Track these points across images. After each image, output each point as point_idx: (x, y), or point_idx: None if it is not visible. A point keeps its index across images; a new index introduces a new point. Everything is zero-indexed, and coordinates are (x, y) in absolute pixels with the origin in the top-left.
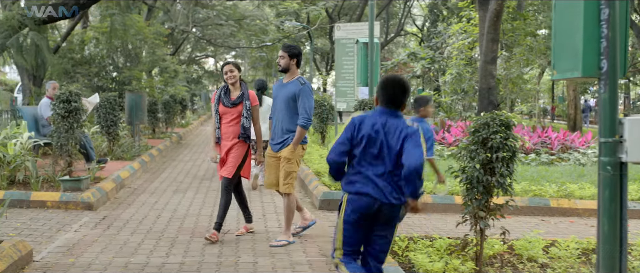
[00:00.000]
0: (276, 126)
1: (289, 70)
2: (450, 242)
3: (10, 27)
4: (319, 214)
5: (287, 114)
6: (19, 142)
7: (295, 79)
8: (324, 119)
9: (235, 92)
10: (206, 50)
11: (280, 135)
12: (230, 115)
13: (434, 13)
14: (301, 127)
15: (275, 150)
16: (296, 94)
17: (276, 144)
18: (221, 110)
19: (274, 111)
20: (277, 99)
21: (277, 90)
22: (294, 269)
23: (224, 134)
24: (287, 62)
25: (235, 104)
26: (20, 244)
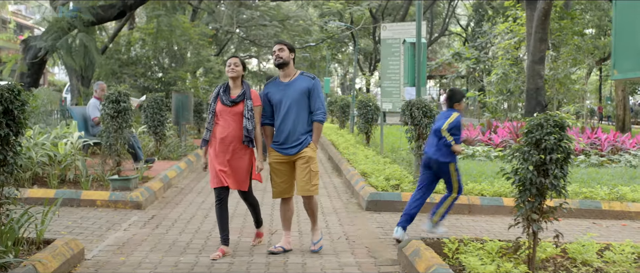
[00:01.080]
0: (286, 127)
1: (288, 65)
2: (502, 244)
3: (60, 28)
4: (366, 215)
5: (301, 113)
6: (69, 142)
7: (300, 75)
8: (369, 119)
9: (236, 90)
10: (249, 50)
11: (295, 136)
12: (228, 116)
13: (479, 13)
14: (320, 122)
15: (290, 153)
16: (310, 89)
17: (292, 147)
18: (218, 109)
19: (279, 112)
20: (283, 99)
21: (280, 90)
22: (343, 270)
23: (222, 137)
24: (288, 55)
25: (235, 102)
26: (73, 242)
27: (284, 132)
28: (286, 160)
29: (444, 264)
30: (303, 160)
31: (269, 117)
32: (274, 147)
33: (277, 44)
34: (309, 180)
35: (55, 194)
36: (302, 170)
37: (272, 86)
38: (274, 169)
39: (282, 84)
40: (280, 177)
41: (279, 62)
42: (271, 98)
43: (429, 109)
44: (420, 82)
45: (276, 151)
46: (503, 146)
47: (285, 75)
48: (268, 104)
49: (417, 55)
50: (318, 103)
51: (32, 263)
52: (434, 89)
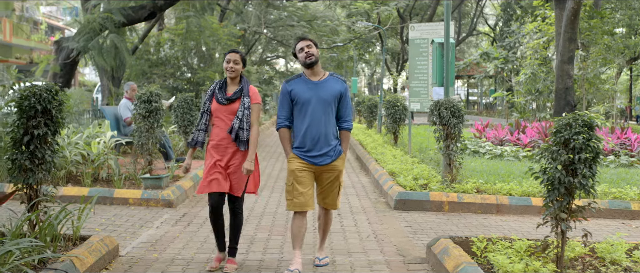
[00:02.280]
0: (315, 132)
1: (317, 63)
2: (530, 243)
3: (91, 29)
4: (395, 214)
5: (330, 117)
6: (102, 141)
7: (330, 76)
8: (397, 119)
9: (233, 87)
10: (277, 51)
11: (326, 143)
12: (224, 115)
13: (507, 12)
14: (349, 131)
15: (321, 163)
16: (342, 93)
17: (322, 155)
18: (213, 107)
19: (305, 114)
20: (312, 99)
21: (309, 89)
22: (372, 268)
23: (219, 138)
24: (317, 52)
25: (231, 100)
26: (107, 239)
27: (312, 137)
28: (311, 169)
29: (473, 262)
30: (333, 173)
31: (288, 118)
32: (298, 153)
33: (302, 41)
34: (337, 194)
35: (89, 192)
36: (331, 184)
37: (299, 84)
38: (297, 178)
39: (311, 82)
40: (304, 186)
41: (310, 60)
42: (297, 97)
43: (457, 109)
44: (449, 82)
45: (301, 158)
46: (531, 146)
47: (313, 74)
48: (289, 104)
49: (446, 55)
50: (348, 109)
51: (70, 259)
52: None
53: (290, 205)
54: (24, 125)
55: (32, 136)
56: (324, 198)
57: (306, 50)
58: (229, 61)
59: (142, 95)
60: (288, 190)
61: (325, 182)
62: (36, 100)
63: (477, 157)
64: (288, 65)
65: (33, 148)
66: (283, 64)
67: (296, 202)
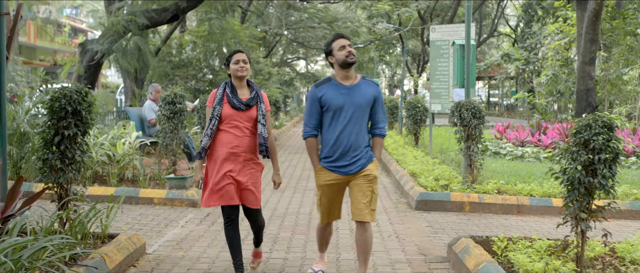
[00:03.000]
0: (346, 141)
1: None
2: (550, 243)
3: (115, 32)
4: (416, 214)
5: (363, 124)
6: (127, 142)
7: (362, 79)
8: (418, 120)
9: (245, 91)
10: (297, 52)
11: (356, 151)
12: (240, 121)
13: (529, 13)
14: (383, 137)
15: (350, 172)
16: (376, 97)
17: (351, 164)
18: (226, 113)
19: (337, 121)
20: (345, 105)
21: (342, 94)
22: (394, 267)
23: (233, 146)
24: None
25: (248, 106)
26: (135, 237)
27: (342, 146)
28: (341, 181)
29: (493, 261)
30: (366, 178)
31: (316, 127)
32: (325, 165)
33: (342, 38)
34: (369, 203)
35: (115, 192)
36: (363, 191)
37: (330, 88)
38: (325, 192)
39: (344, 87)
40: (332, 201)
41: (352, 60)
42: (329, 103)
43: (478, 110)
44: (469, 83)
45: (329, 170)
46: (553, 147)
47: (346, 77)
48: (319, 110)
49: (466, 56)
50: (381, 114)
51: (99, 256)
52: (483, 90)
53: (322, 218)
54: (54, 125)
55: (63, 136)
56: (355, 208)
57: (348, 49)
58: (238, 61)
59: (166, 97)
60: (317, 204)
61: (357, 190)
62: (67, 101)
63: (498, 158)
64: (308, 67)
65: (63, 148)
66: (303, 65)
67: (326, 217)
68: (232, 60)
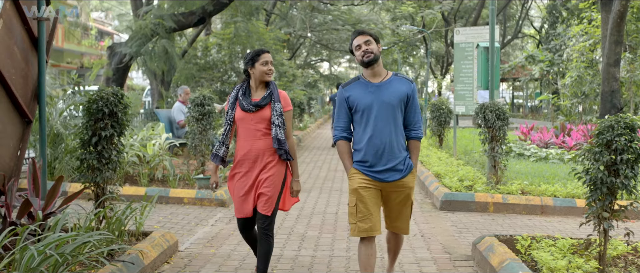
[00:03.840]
0: (380, 143)
1: (377, 61)
2: (573, 242)
3: (143, 35)
4: (440, 214)
5: (397, 125)
6: (157, 143)
7: (394, 76)
8: (442, 122)
9: (260, 92)
10: (321, 54)
11: (393, 155)
12: (251, 124)
13: (553, 15)
14: (419, 140)
15: (389, 179)
16: (409, 96)
17: (389, 170)
18: (238, 116)
19: (367, 122)
20: (373, 104)
21: (370, 93)
22: (420, 265)
23: (245, 152)
24: (376, 48)
25: (259, 107)
26: (168, 235)
27: (375, 148)
28: (376, 186)
29: (517, 259)
30: (404, 192)
31: (346, 129)
32: (360, 168)
33: (360, 35)
34: (407, 216)
35: (146, 192)
36: (402, 205)
37: (357, 88)
38: (360, 197)
39: (372, 85)
40: (369, 207)
41: (368, 58)
42: (356, 103)
43: (502, 112)
44: (494, 85)
45: (364, 174)
46: (577, 149)
47: (374, 75)
48: (347, 112)
49: (491, 59)
50: (417, 114)
51: (135, 252)
52: (507, 92)
53: (354, 230)
54: (92, 127)
55: (100, 137)
56: (392, 221)
57: (363, 48)
58: (267, 62)
59: (195, 99)
60: (351, 212)
61: (394, 202)
62: (104, 103)
63: (521, 159)
64: (332, 69)
65: (100, 148)
66: (327, 67)
67: (361, 227)
68: (260, 61)
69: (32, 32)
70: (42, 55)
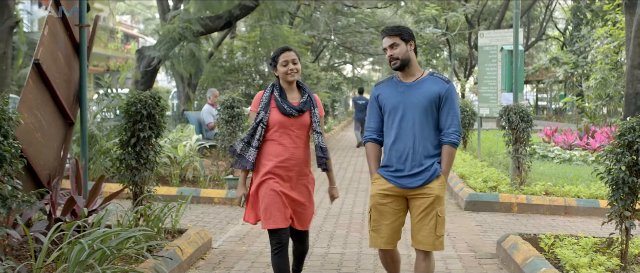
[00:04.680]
0: (404, 146)
1: (409, 64)
2: (595, 240)
3: (171, 39)
4: (465, 214)
5: (426, 128)
6: (188, 144)
7: (430, 76)
8: (466, 124)
9: (295, 94)
10: (344, 57)
11: (417, 160)
12: (291, 130)
13: (577, 16)
14: (454, 146)
15: (410, 185)
16: (442, 96)
17: (412, 175)
18: (274, 120)
19: (393, 123)
20: (399, 105)
21: (399, 93)
22: (446, 262)
23: (284, 159)
24: (405, 50)
25: (301, 112)
26: (202, 232)
27: (399, 152)
28: (398, 194)
29: (541, 256)
30: (427, 200)
31: (377, 131)
32: (383, 173)
33: (387, 37)
34: (433, 229)
35: (177, 192)
36: (424, 214)
37: (387, 87)
38: (378, 205)
39: (402, 84)
40: (387, 218)
41: (395, 65)
42: (384, 103)
43: (526, 114)
44: (518, 88)
45: (386, 179)
46: (601, 151)
47: (407, 75)
48: (378, 112)
49: (515, 62)
50: (452, 117)
51: (173, 248)
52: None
53: (372, 239)
54: (131, 128)
55: (138, 138)
56: (415, 233)
57: (389, 53)
58: (287, 62)
59: (225, 101)
60: (368, 218)
61: (418, 211)
62: (142, 106)
63: (545, 161)
64: (355, 71)
65: (139, 149)
66: (350, 69)
67: (376, 238)
68: (280, 61)
69: (74, 38)
70: (84, 60)
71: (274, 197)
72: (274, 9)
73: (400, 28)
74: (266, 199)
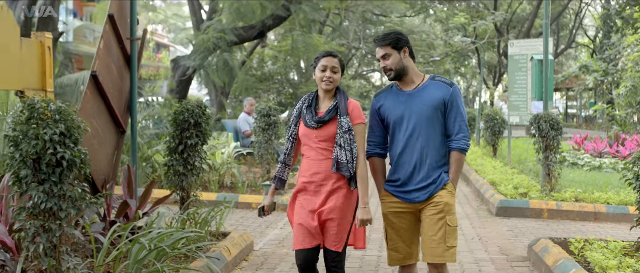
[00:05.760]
0: (410, 160)
1: (405, 73)
2: (624, 244)
3: (206, 49)
4: (496, 220)
5: (431, 137)
6: (226, 152)
7: (431, 80)
8: (496, 132)
9: (326, 103)
10: (372, 64)
11: (424, 172)
12: (315, 143)
13: (607, 24)
14: (463, 152)
15: (416, 199)
16: (446, 101)
17: (418, 189)
18: (301, 132)
19: (397, 136)
20: (404, 115)
21: (401, 103)
22: (479, 264)
23: (310, 174)
24: (398, 59)
25: (322, 122)
26: (245, 235)
27: (405, 166)
28: (409, 210)
29: (571, 258)
30: (435, 209)
31: (380, 144)
32: (389, 189)
33: (378, 47)
34: (442, 239)
35: (217, 197)
36: (432, 224)
37: (388, 97)
38: (390, 223)
39: (403, 93)
40: (401, 235)
41: (390, 76)
42: (387, 114)
43: (556, 122)
44: (547, 96)
45: (394, 195)
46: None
47: (406, 83)
48: (379, 125)
49: (544, 71)
50: (459, 122)
51: (220, 249)
52: (560, 102)
53: (391, 258)
54: (178, 136)
55: (186, 145)
56: (425, 245)
57: (382, 65)
58: (325, 68)
59: (262, 110)
60: (385, 238)
61: (426, 221)
62: (189, 115)
63: (575, 168)
64: (382, 79)
65: (186, 155)
66: (378, 77)
67: (393, 256)
68: (319, 65)
69: (126, 50)
70: (134, 71)
71: (298, 216)
72: (305, 19)
73: (390, 35)
74: (294, 217)
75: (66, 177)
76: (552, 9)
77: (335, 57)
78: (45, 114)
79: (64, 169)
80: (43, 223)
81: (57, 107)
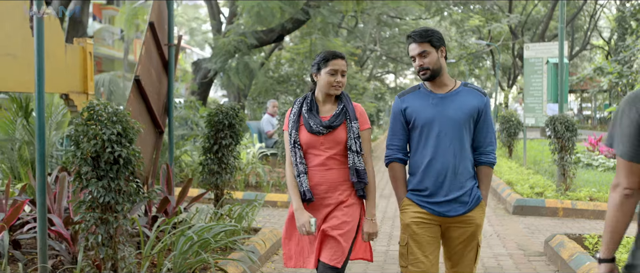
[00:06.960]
0: (441, 167)
1: (440, 74)
2: None
3: (227, 52)
4: (513, 218)
5: (464, 146)
6: (251, 152)
7: (463, 86)
8: (511, 133)
9: (328, 107)
10: (387, 66)
11: (455, 184)
12: (321, 150)
13: (622, 26)
14: (492, 167)
15: (450, 213)
16: (481, 111)
17: (448, 202)
18: (304, 139)
19: (427, 140)
20: (435, 119)
21: (432, 105)
22: (497, 259)
23: (314, 184)
24: (436, 58)
25: (331, 128)
26: (275, 231)
27: (436, 174)
28: (434, 221)
29: (585, 252)
30: (468, 229)
31: (403, 149)
32: (415, 198)
33: (414, 43)
34: (472, 260)
35: (243, 196)
36: (463, 246)
37: (417, 98)
38: (413, 235)
39: (435, 96)
40: (427, 248)
41: (425, 76)
42: (415, 117)
43: (571, 124)
44: (563, 99)
45: (419, 205)
46: None
47: (438, 85)
48: (404, 128)
49: (560, 75)
50: (490, 134)
51: (254, 243)
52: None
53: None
54: (213, 136)
55: (220, 145)
56: (453, 265)
57: (418, 63)
58: (335, 72)
59: (285, 111)
60: (401, 253)
61: (456, 242)
62: (224, 116)
63: (590, 169)
64: (397, 81)
65: (220, 155)
66: (392, 79)
67: (412, 272)
68: (328, 68)
69: (164, 55)
70: (172, 75)
71: (297, 233)
72: (323, 22)
73: (430, 32)
74: (286, 234)
75: (122, 174)
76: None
77: (343, 59)
78: (103, 115)
79: (121, 166)
80: (101, 216)
81: (114, 110)
